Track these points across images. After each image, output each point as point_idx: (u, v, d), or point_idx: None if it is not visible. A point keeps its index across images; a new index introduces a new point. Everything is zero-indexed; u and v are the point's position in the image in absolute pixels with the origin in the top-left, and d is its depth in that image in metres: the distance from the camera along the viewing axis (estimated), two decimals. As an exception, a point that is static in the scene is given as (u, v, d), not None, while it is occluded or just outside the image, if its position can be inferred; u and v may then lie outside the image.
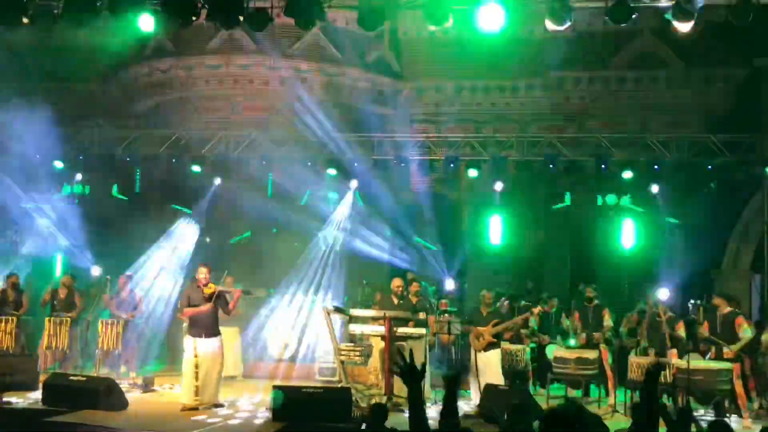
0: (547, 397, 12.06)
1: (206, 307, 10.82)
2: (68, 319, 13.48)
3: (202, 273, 11.00)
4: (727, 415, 10.84)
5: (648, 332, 11.72)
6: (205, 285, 10.93)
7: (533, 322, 13.31)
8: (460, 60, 18.30)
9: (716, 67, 17.99)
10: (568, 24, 10.09)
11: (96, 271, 15.69)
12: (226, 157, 16.51)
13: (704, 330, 11.44)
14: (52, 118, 15.45)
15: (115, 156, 16.57)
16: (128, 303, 13.84)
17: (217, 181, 16.94)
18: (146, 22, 10.28)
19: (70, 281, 14.24)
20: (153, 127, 17.62)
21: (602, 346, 12.04)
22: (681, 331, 11.44)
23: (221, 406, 10.91)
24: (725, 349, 11.04)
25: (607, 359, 12.06)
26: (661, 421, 7.32)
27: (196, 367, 10.58)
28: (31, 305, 14.42)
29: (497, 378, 11.45)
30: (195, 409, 10.56)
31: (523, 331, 13.14)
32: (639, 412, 7.10)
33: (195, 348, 10.67)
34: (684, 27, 9.89)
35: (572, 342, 12.31)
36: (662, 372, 10.56)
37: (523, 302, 13.84)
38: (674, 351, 11.27)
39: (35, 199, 17.01)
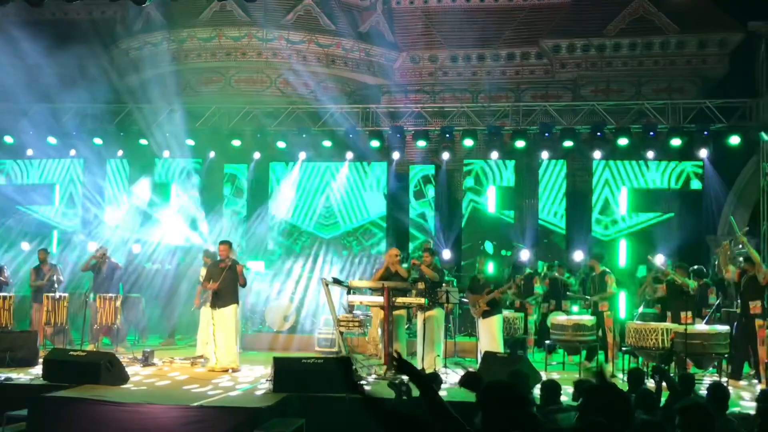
0: (545, 363, 12.14)
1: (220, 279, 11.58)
2: (67, 295, 13.51)
3: (223, 250, 11.75)
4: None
5: (667, 297, 11.86)
6: (222, 260, 11.77)
7: (540, 289, 13.40)
8: (455, 29, 18.17)
9: (710, 32, 17.90)
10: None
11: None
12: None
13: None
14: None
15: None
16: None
17: (211, 154, 17.03)
18: None
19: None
20: (145, 102, 17.51)
21: (606, 313, 12.09)
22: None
23: (237, 370, 11.56)
24: (752, 304, 10.94)
25: (610, 326, 12.10)
26: (664, 386, 7.37)
27: (215, 334, 11.61)
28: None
29: (496, 346, 11.48)
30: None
31: (527, 299, 13.29)
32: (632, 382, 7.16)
33: (212, 317, 11.67)
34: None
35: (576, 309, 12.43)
36: (659, 338, 10.67)
37: (527, 270, 13.95)
38: (689, 315, 11.33)
39: None
